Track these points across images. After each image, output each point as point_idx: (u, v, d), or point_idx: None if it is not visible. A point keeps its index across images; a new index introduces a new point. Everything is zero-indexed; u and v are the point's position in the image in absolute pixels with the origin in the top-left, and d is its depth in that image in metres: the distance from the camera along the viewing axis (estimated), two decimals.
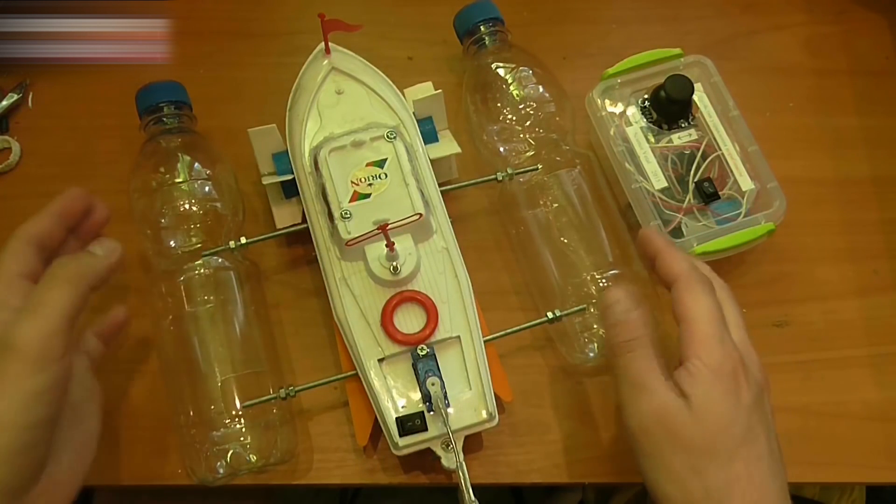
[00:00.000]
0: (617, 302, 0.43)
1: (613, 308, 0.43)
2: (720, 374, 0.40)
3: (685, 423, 0.39)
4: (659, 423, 0.40)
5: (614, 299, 0.43)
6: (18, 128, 0.60)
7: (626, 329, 0.42)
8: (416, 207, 0.48)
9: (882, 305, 0.55)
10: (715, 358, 0.40)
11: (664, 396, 0.40)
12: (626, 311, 0.42)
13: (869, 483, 0.62)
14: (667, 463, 0.39)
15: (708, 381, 0.40)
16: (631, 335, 0.42)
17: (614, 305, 0.43)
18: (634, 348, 0.42)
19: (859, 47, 0.64)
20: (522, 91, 0.55)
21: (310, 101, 0.53)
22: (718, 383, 0.40)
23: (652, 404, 0.40)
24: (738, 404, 0.40)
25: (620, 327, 0.42)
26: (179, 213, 0.50)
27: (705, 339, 0.41)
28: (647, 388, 0.40)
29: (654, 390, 0.40)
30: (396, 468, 0.49)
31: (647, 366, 0.41)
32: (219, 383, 0.47)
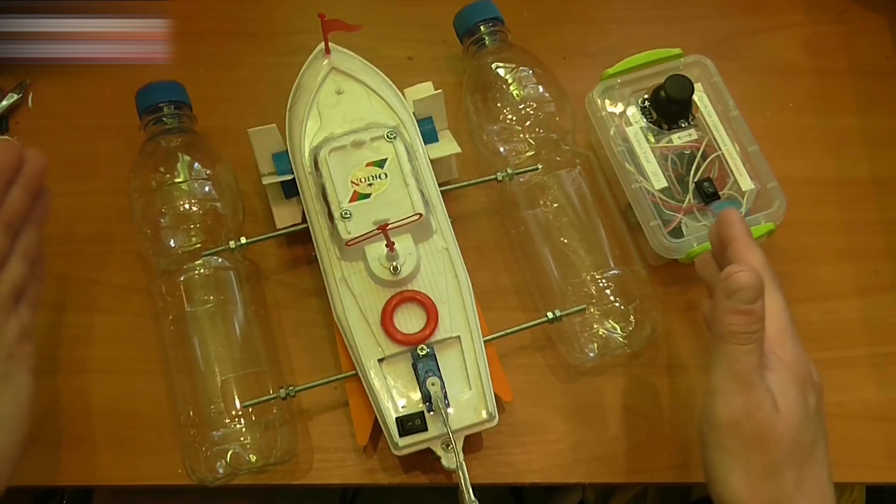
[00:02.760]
0: (747, 288, 0.39)
1: (740, 294, 0.39)
2: (795, 373, 0.40)
3: (775, 423, 0.39)
4: (751, 420, 0.39)
5: (744, 284, 0.39)
6: (18, 128, 0.60)
7: (748, 320, 0.39)
8: (416, 207, 0.48)
9: (882, 305, 0.55)
10: (790, 355, 0.40)
11: (763, 394, 0.39)
12: (752, 300, 0.40)
13: (869, 483, 0.62)
14: (748, 459, 0.39)
15: (785, 380, 0.40)
16: (751, 327, 0.40)
17: (742, 291, 0.39)
18: (751, 341, 0.40)
19: (859, 47, 0.64)
20: (522, 91, 0.55)
21: (310, 101, 0.53)
22: (794, 383, 0.40)
23: (750, 401, 0.39)
24: (808, 407, 0.40)
25: (744, 316, 0.39)
26: (179, 213, 0.50)
27: (781, 335, 0.41)
28: (751, 383, 0.39)
29: (756, 386, 0.39)
30: (396, 468, 0.49)
31: (756, 361, 0.40)
32: (219, 383, 0.47)
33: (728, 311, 0.40)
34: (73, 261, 0.55)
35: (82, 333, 0.53)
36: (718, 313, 0.40)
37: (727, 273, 0.40)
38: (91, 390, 0.51)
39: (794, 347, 0.41)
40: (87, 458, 0.50)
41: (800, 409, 0.40)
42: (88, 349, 0.53)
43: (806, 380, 0.41)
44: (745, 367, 0.39)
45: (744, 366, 0.39)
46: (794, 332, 0.42)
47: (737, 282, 0.39)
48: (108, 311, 0.54)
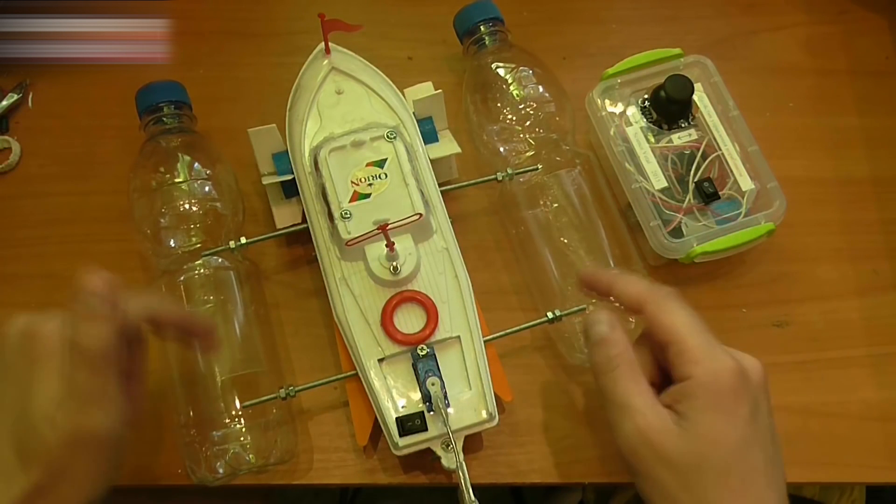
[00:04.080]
0: (598, 322, 0.42)
1: (594, 329, 0.42)
2: (715, 390, 0.39)
3: (672, 441, 0.38)
4: (645, 443, 0.39)
5: (595, 320, 0.42)
6: (18, 128, 0.60)
7: (606, 347, 0.41)
8: (416, 207, 0.48)
9: (882, 305, 0.55)
10: (710, 373, 0.39)
11: (649, 416, 0.39)
12: (608, 330, 0.42)
13: (869, 483, 0.62)
14: (658, 481, 0.39)
15: (702, 400, 0.39)
16: (611, 352, 0.41)
17: (595, 326, 0.42)
18: (616, 366, 0.41)
19: (859, 47, 0.64)
20: (522, 91, 0.55)
21: (310, 101, 0.53)
22: (714, 400, 0.39)
23: (637, 424, 0.39)
24: (735, 417, 0.39)
25: (601, 345, 0.42)
26: (179, 213, 0.50)
27: (696, 355, 0.40)
28: (631, 407, 0.40)
29: (638, 409, 0.39)
30: (396, 468, 0.49)
31: (630, 384, 0.40)
32: (219, 383, 0.47)
33: (590, 347, 0.43)
34: (73, 261, 0.55)
35: None
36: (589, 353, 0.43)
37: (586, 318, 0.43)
38: None
39: (713, 361, 0.40)
40: None
41: (717, 425, 0.38)
42: None
43: (732, 392, 0.39)
44: (619, 393, 0.40)
45: (618, 393, 0.40)
46: (712, 343, 0.40)
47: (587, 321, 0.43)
48: None
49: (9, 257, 0.55)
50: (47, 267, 0.55)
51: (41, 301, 0.54)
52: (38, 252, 0.55)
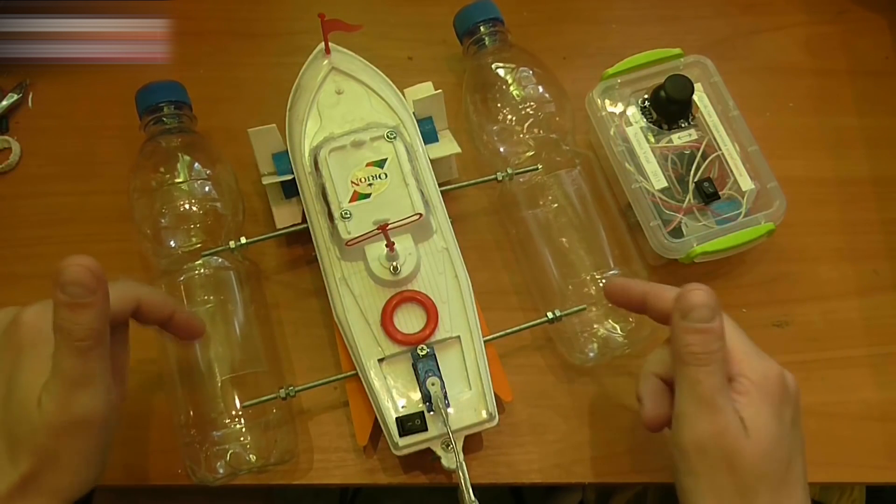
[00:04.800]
0: (702, 306, 0.39)
1: (694, 313, 0.39)
2: (767, 391, 0.39)
3: (744, 446, 0.38)
4: (718, 444, 0.38)
5: (697, 302, 0.39)
6: (18, 128, 0.60)
7: (706, 339, 0.38)
8: (416, 207, 0.48)
9: (882, 305, 0.55)
10: (758, 373, 0.39)
11: (729, 417, 0.38)
12: (709, 318, 0.39)
13: (869, 483, 0.62)
14: (717, 484, 0.38)
15: (757, 400, 0.38)
16: (709, 347, 0.38)
17: (697, 310, 0.39)
18: (711, 361, 0.38)
19: (859, 47, 0.64)
20: (522, 91, 0.55)
21: (310, 101, 0.53)
22: (766, 401, 0.39)
23: (716, 424, 0.38)
24: (783, 424, 0.39)
25: (700, 336, 0.38)
26: (179, 213, 0.50)
27: (744, 356, 0.40)
28: (715, 405, 0.38)
29: (721, 409, 0.38)
30: (396, 468, 0.49)
31: (719, 382, 0.38)
32: (219, 383, 0.47)
33: (685, 332, 0.39)
34: None
35: None
36: (676, 334, 0.39)
37: (681, 293, 0.39)
38: None
39: (761, 362, 0.40)
40: None
41: (772, 429, 0.38)
42: None
43: (779, 395, 0.39)
44: (707, 388, 0.38)
45: (706, 388, 0.38)
46: (755, 347, 0.41)
47: (691, 300, 0.39)
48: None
49: (9, 257, 0.55)
50: (47, 267, 0.54)
51: None
52: (38, 252, 0.55)
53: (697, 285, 0.39)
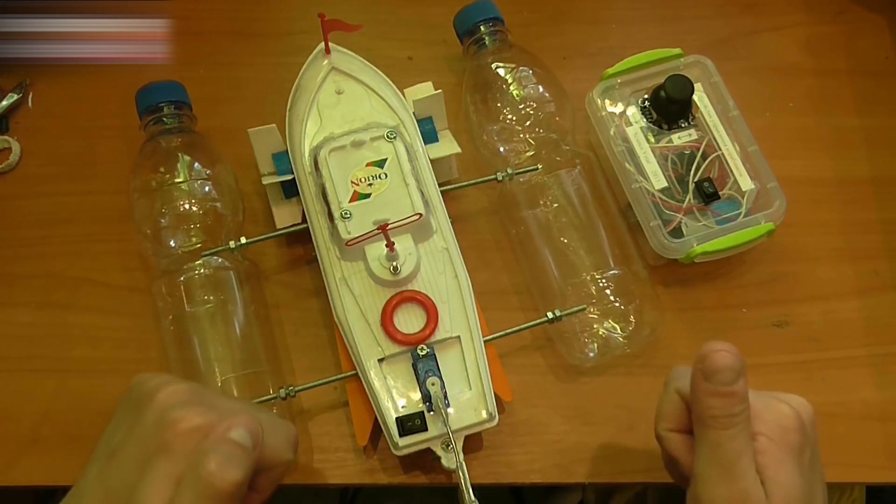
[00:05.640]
0: (726, 370, 0.37)
1: (719, 376, 0.37)
2: (786, 445, 0.37)
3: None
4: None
5: (722, 365, 0.37)
6: (18, 128, 0.60)
7: (729, 403, 0.37)
8: (416, 207, 0.48)
9: (882, 305, 0.55)
10: (777, 427, 0.38)
11: (749, 482, 0.36)
12: (733, 381, 0.37)
13: (869, 483, 0.62)
14: None
15: (776, 459, 0.37)
16: (732, 410, 0.37)
17: (720, 373, 0.37)
18: (735, 424, 0.37)
19: (859, 47, 0.64)
20: (522, 91, 0.55)
21: (310, 101, 0.53)
22: (786, 457, 0.37)
23: (734, 489, 0.36)
24: (804, 473, 0.37)
25: (723, 399, 0.37)
26: (179, 213, 0.50)
27: (760, 412, 0.38)
28: (735, 471, 0.36)
29: (742, 475, 0.36)
30: (396, 468, 0.49)
31: (741, 446, 0.37)
32: (219, 383, 0.47)
33: (707, 394, 0.37)
34: (73, 261, 0.55)
35: (82, 333, 0.53)
36: (697, 396, 0.38)
37: (705, 353, 0.38)
38: (91, 390, 0.51)
39: (776, 413, 0.38)
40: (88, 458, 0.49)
41: (794, 486, 0.37)
42: (89, 349, 0.53)
43: (798, 443, 0.38)
44: (728, 453, 0.37)
45: (727, 452, 0.37)
46: (767, 396, 0.39)
47: (716, 362, 0.37)
48: (108, 311, 0.54)
49: (9, 257, 0.55)
50: (47, 267, 0.55)
51: (41, 301, 0.54)
52: (38, 252, 0.55)
53: (722, 345, 0.38)
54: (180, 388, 0.37)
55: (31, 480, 0.49)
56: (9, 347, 0.53)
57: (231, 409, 0.37)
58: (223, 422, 0.35)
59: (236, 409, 0.38)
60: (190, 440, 0.34)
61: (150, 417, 0.36)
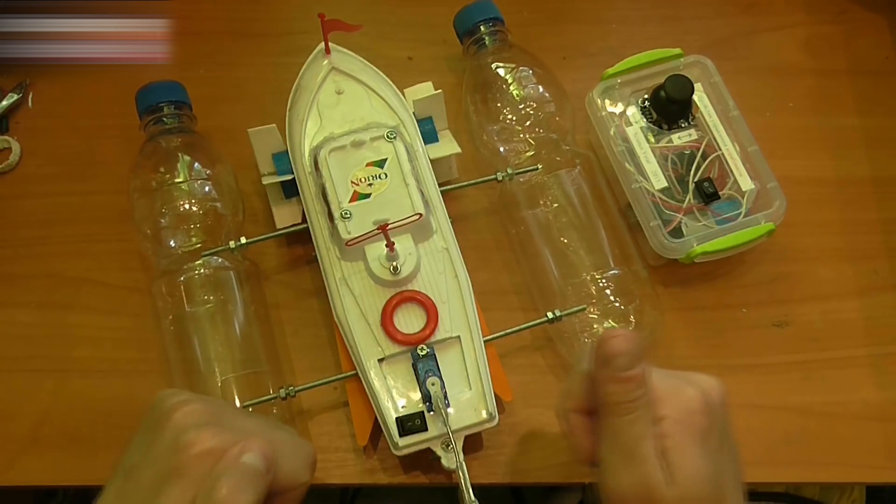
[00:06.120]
0: (621, 355, 0.37)
1: (615, 361, 0.37)
2: (690, 426, 0.37)
3: (665, 496, 0.36)
4: (640, 495, 0.36)
5: (617, 350, 0.37)
6: (18, 128, 0.60)
7: (627, 388, 0.37)
8: (416, 207, 0.48)
9: (882, 305, 0.55)
10: (681, 409, 0.37)
11: (650, 466, 0.36)
12: (630, 366, 0.37)
13: (869, 483, 0.62)
14: None
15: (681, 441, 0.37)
16: (631, 395, 0.37)
17: (616, 359, 0.37)
18: (633, 410, 0.37)
19: (859, 47, 0.64)
20: (522, 91, 0.55)
21: (310, 101, 0.53)
22: (691, 439, 0.37)
23: (636, 474, 0.36)
24: (709, 456, 0.37)
25: (621, 385, 0.37)
26: (179, 213, 0.50)
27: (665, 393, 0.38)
28: (636, 456, 0.36)
29: (643, 459, 0.36)
30: (396, 468, 0.49)
31: (641, 431, 0.37)
32: (219, 383, 0.47)
33: (605, 381, 0.38)
34: (73, 261, 0.55)
35: (82, 333, 0.53)
36: (597, 382, 0.38)
37: (601, 338, 0.38)
38: (91, 390, 0.51)
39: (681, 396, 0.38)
40: (87, 458, 0.50)
41: (699, 469, 0.36)
42: (89, 349, 0.53)
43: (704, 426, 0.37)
44: (628, 439, 0.37)
45: (627, 438, 0.37)
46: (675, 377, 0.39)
47: (611, 348, 0.37)
48: (108, 311, 0.54)
49: (9, 257, 0.55)
50: (47, 267, 0.55)
51: (41, 301, 0.54)
52: (38, 252, 0.55)
53: (618, 331, 0.38)
54: (197, 409, 0.37)
55: (31, 480, 0.49)
56: (9, 347, 0.53)
57: (246, 430, 0.37)
58: (236, 444, 0.35)
59: (252, 429, 0.37)
60: (204, 463, 0.34)
61: (166, 438, 0.36)
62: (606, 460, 0.38)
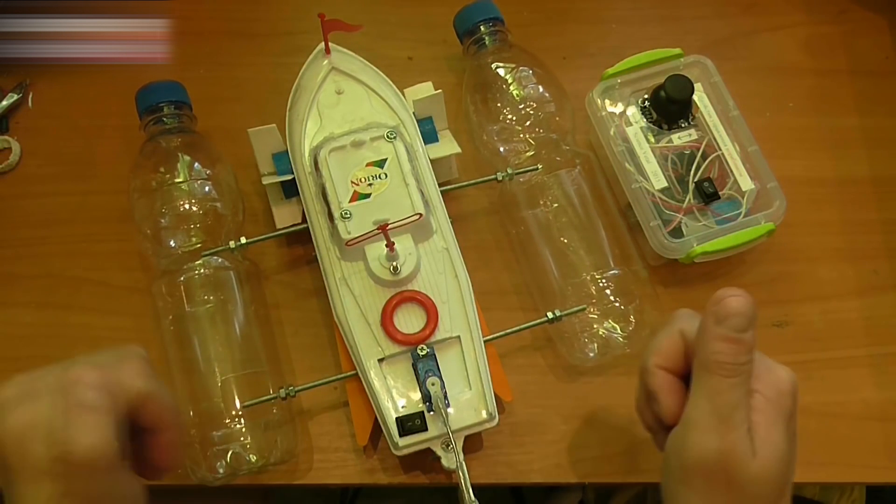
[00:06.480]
0: (740, 315, 0.36)
1: (731, 321, 0.36)
2: (781, 408, 0.37)
3: (748, 468, 0.36)
4: (723, 462, 0.36)
5: (736, 310, 0.36)
6: (18, 128, 0.60)
7: (737, 350, 0.36)
8: (416, 207, 0.48)
9: (882, 305, 0.55)
10: (775, 389, 0.37)
11: (741, 435, 0.36)
12: (745, 328, 0.36)
13: (869, 483, 0.62)
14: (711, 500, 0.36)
15: (771, 419, 0.37)
16: (739, 359, 0.36)
17: (734, 318, 0.36)
18: (738, 373, 0.36)
19: (859, 47, 0.64)
20: (522, 91, 0.55)
21: (310, 101, 0.53)
22: (779, 420, 0.37)
23: (726, 441, 0.36)
24: (790, 440, 0.37)
25: (732, 345, 0.36)
26: (179, 213, 0.50)
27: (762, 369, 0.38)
28: (730, 422, 0.36)
29: (736, 427, 0.36)
30: (396, 468, 0.49)
31: (740, 397, 0.36)
32: (219, 383, 0.47)
33: (716, 338, 0.37)
34: (73, 261, 0.55)
35: (82, 333, 0.53)
36: (705, 339, 0.37)
37: (719, 296, 0.37)
38: None
39: (775, 375, 0.38)
40: None
41: (780, 450, 0.36)
42: (89, 349, 0.52)
43: (790, 409, 0.37)
44: (727, 402, 0.36)
45: (726, 401, 0.36)
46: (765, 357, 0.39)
47: (730, 306, 0.36)
48: (108, 311, 0.54)
49: (9, 257, 0.55)
50: (47, 267, 0.55)
51: (41, 301, 0.54)
52: (38, 252, 0.55)
53: (737, 291, 0.37)
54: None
55: None
56: (9, 347, 0.53)
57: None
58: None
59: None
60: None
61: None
62: (696, 418, 0.37)
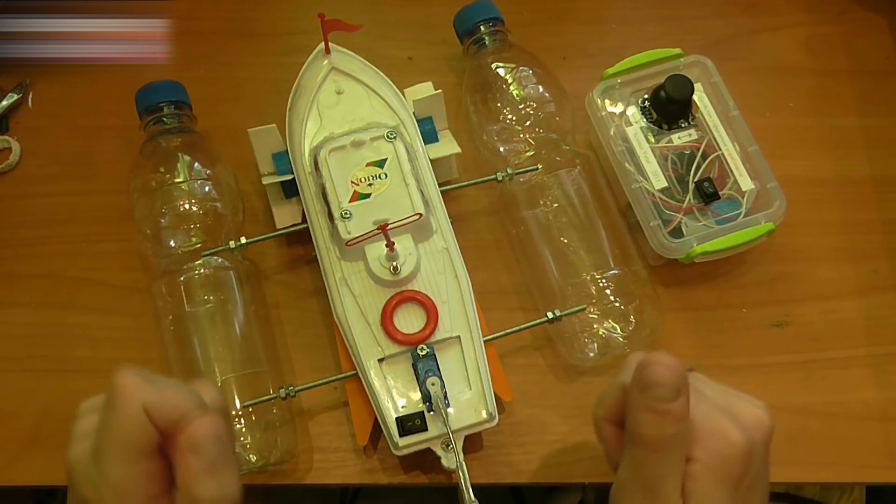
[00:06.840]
0: (662, 385, 0.33)
1: (654, 391, 0.33)
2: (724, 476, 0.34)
3: None
4: None
5: (658, 380, 0.33)
6: (18, 128, 0.60)
7: (662, 422, 0.33)
8: (416, 207, 0.48)
9: (882, 305, 0.55)
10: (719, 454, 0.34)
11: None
12: (670, 398, 0.33)
13: (869, 483, 0.62)
14: None
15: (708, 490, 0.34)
16: (664, 431, 0.33)
17: (656, 388, 0.33)
18: (664, 447, 0.33)
19: (859, 47, 0.64)
20: (522, 91, 0.55)
21: (310, 101, 0.53)
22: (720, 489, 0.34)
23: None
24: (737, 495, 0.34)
25: (656, 417, 0.33)
26: (179, 213, 0.50)
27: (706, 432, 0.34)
28: (658, 494, 0.33)
29: (663, 498, 0.33)
30: (396, 468, 0.49)
31: (669, 469, 0.33)
32: (219, 383, 0.47)
33: (640, 408, 0.33)
34: (73, 261, 0.55)
35: (82, 333, 0.53)
36: (630, 406, 0.34)
37: (644, 362, 0.34)
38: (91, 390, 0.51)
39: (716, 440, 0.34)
40: None
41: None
42: (89, 349, 0.53)
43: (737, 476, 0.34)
44: (652, 475, 0.33)
45: (651, 474, 0.33)
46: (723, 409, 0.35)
47: (650, 376, 0.33)
48: (108, 311, 0.54)
49: (9, 257, 0.55)
50: (47, 267, 0.55)
51: (41, 301, 0.54)
52: (38, 252, 0.55)
53: (664, 357, 0.33)
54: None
55: (31, 480, 0.49)
56: (9, 347, 0.53)
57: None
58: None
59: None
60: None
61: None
62: (623, 486, 0.35)
